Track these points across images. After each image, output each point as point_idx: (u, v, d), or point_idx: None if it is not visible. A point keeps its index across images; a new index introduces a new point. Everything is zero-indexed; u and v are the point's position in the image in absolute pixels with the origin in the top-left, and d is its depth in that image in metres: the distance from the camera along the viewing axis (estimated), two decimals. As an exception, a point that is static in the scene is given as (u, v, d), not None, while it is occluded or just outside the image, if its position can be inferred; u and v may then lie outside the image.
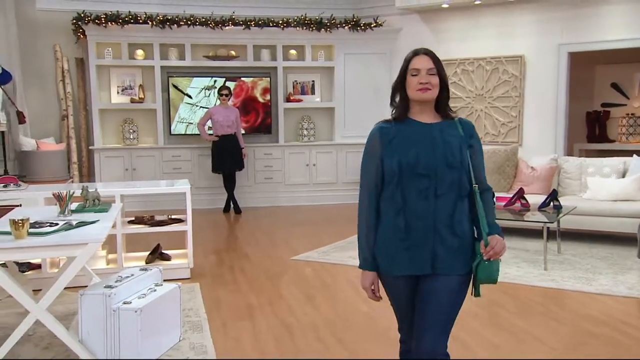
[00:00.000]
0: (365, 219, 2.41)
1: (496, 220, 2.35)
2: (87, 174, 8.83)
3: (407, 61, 2.33)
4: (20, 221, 3.05)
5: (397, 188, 2.30)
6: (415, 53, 2.34)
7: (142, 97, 8.75)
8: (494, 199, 2.42)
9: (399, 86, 2.35)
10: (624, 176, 6.36)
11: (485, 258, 2.24)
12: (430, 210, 2.26)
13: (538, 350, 3.51)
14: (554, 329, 3.85)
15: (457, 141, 2.30)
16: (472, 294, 2.34)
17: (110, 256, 5.22)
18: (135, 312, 3.23)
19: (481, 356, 3.45)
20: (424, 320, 2.29)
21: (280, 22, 8.86)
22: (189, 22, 8.60)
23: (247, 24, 8.75)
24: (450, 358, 2.34)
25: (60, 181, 7.60)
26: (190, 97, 8.86)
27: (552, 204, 5.73)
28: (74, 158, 8.59)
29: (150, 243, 5.80)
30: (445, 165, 2.25)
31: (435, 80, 2.29)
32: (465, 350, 3.51)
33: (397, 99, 2.37)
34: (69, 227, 3.34)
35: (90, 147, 8.68)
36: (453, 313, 2.32)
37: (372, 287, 2.39)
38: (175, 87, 8.81)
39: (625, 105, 9.63)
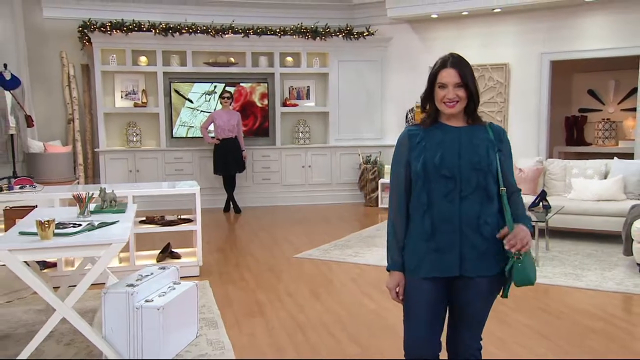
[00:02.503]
0: (393, 221, 2.32)
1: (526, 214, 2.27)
2: (92, 175, 8.69)
3: (435, 72, 2.22)
4: (46, 222, 2.97)
5: (422, 190, 2.22)
6: (443, 65, 2.20)
7: (145, 101, 8.63)
8: (522, 200, 2.32)
9: (428, 95, 2.26)
10: (605, 177, 6.40)
11: (507, 248, 2.13)
12: (455, 212, 2.17)
13: (542, 346, 3.49)
14: (553, 324, 3.84)
15: (485, 144, 2.20)
16: (500, 295, 2.28)
17: (122, 255, 5.12)
18: (158, 309, 3.16)
19: (490, 351, 3.41)
20: (461, 322, 2.30)
21: (278, 30, 8.80)
22: (190, 30, 8.51)
23: (246, 32, 8.68)
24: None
25: (67, 182, 7.49)
26: (191, 101, 8.76)
27: (541, 204, 5.73)
28: (80, 160, 8.45)
29: (156, 242, 5.72)
30: (470, 168, 2.17)
31: (463, 92, 2.19)
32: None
33: (427, 106, 2.28)
34: (91, 227, 3.26)
35: (95, 150, 8.55)
36: (487, 310, 2.31)
37: (397, 289, 2.29)
38: (177, 92, 8.71)
39: (601, 110, 9.72)
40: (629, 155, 7.43)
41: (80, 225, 3.26)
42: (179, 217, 5.33)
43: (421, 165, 2.21)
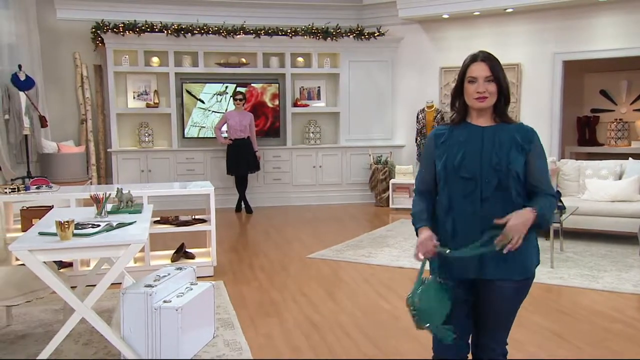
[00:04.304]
0: (417, 212, 2.29)
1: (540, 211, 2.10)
2: (105, 175, 8.71)
3: (465, 67, 2.19)
4: (66, 223, 2.97)
5: (444, 190, 2.21)
6: (473, 59, 2.18)
7: (157, 102, 8.64)
8: (553, 204, 2.24)
9: (458, 92, 2.22)
10: (620, 178, 6.34)
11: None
12: (476, 213, 2.15)
13: (562, 347, 3.46)
14: (571, 326, 3.80)
15: (509, 145, 2.15)
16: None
17: (137, 255, 5.10)
18: (176, 310, 3.15)
19: (509, 353, 3.38)
20: (483, 325, 2.28)
21: (289, 31, 8.79)
22: (202, 31, 8.51)
23: (257, 32, 8.68)
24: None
25: (80, 182, 7.51)
26: (202, 102, 8.77)
27: (555, 205, 5.68)
28: (93, 160, 8.48)
29: (168, 241, 5.72)
30: (491, 169, 2.13)
31: (493, 87, 2.15)
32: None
33: (457, 104, 2.25)
34: (110, 228, 3.25)
35: (107, 150, 8.57)
36: (511, 316, 2.29)
37: (429, 241, 2.19)
38: (189, 92, 8.72)
39: (614, 110, 9.63)
40: (642, 156, 7.36)
41: (98, 225, 3.25)
42: (194, 217, 5.32)
43: (442, 165, 2.20)
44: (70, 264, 4.76)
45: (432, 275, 2.24)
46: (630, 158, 6.56)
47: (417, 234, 2.26)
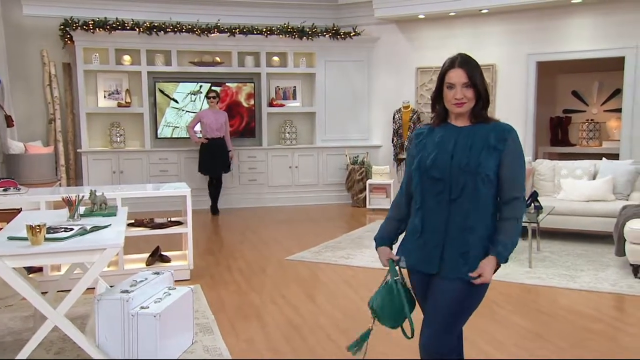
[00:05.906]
0: (391, 208, 2.45)
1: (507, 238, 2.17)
2: (75, 176, 8.48)
3: (444, 73, 2.21)
4: (37, 227, 2.85)
5: (417, 188, 2.27)
6: (451, 65, 2.19)
7: (129, 101, 8.46)
8: (522, 208, 2.22)
9: (438, 95, 2.26)
10: (594, 178, 6.42)
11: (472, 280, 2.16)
12: (443, 214, 2.19)
13: (543, 347, 3.46)
14: (551, 326, 3.81)
15: (481, 145, 2.16)
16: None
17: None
18: (154, 316, 3.06)
19: (490, 353, 3.38)
20: (425, 318, 2.28)
21: (264, 29, 8.71)
22: (175, 29, 8.37)
23: (231, 31, 8.57)
24: (459, 357, 2.33)
25: (48, 184, 7.28)
26: (176, 101, 8.62)
27: (532, 204, 5.72)
28: (62, 161, 8.25)
29: (141, 244, 5.58)
30: (459, 170, 2.15)
31: (470, 93, 2.18)
32: (471, 346, 3.43)
33: (437, 107, 2.30)
34: (83, 232, 3.14)
35: (77, 150, 8.35)
36: (454, 314, 2.20)
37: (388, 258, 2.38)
38: (162, 91, 8.56)
39: (585, 111, 9.80)
40: (613, 156, 7.48)
41: (71, 229, 3.14)
42: (169, 219, 5.21)
43: (416, 164, 2.27)
44: (40, 269, 4.60)
45: (391, 277, 2.36)
46: (604, 158, 6.66)
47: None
